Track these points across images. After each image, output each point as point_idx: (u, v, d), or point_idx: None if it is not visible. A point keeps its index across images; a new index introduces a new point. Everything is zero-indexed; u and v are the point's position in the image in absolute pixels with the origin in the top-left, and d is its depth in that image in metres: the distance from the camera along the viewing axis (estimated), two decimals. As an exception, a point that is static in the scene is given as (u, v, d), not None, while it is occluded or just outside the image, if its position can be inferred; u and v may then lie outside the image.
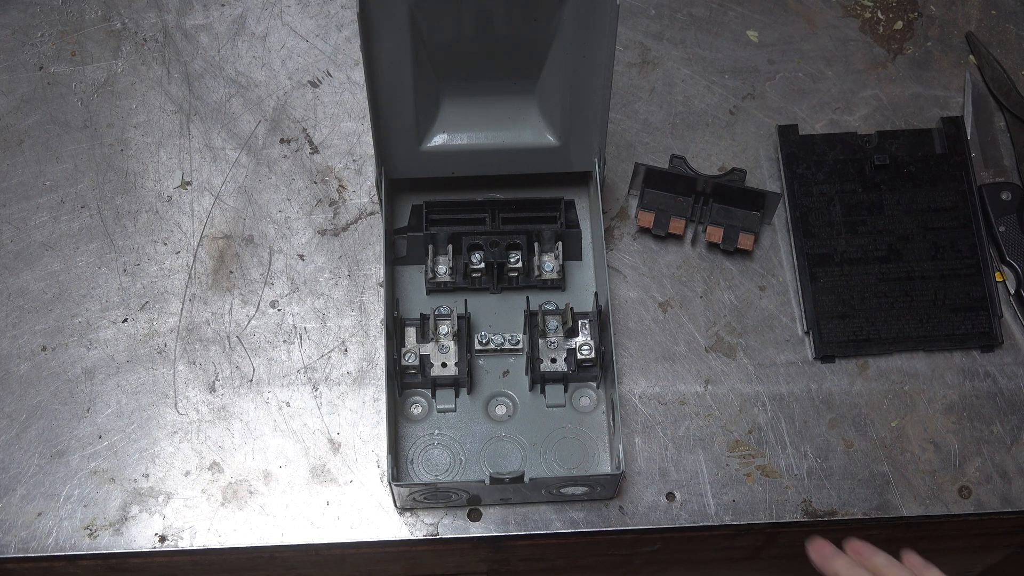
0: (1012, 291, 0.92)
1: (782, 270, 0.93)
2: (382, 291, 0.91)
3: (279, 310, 0.90)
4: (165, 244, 0.92)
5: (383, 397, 0.86)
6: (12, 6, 1.01)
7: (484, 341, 0.89)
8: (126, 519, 0.84)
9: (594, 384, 0.88)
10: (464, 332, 0.87)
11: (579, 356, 0.87)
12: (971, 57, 1.01)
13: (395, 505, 0.84)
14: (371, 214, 0.94)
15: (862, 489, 0.86)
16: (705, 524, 0.85)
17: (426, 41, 0.81)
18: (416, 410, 0.87)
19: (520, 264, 0.90)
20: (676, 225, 0.93)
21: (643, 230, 0.94)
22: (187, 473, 0.85)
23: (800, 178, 0.94)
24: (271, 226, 0.93)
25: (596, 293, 0.89)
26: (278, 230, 0.93)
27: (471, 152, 0.89)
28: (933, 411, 0.89)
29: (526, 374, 0.88)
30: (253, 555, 0.85)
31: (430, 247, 0.90)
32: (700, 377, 0.89)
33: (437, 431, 0.87)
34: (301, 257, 0.92)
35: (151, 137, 0.96)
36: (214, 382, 0.88)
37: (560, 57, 0.83)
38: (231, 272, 0.92)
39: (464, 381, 0.87)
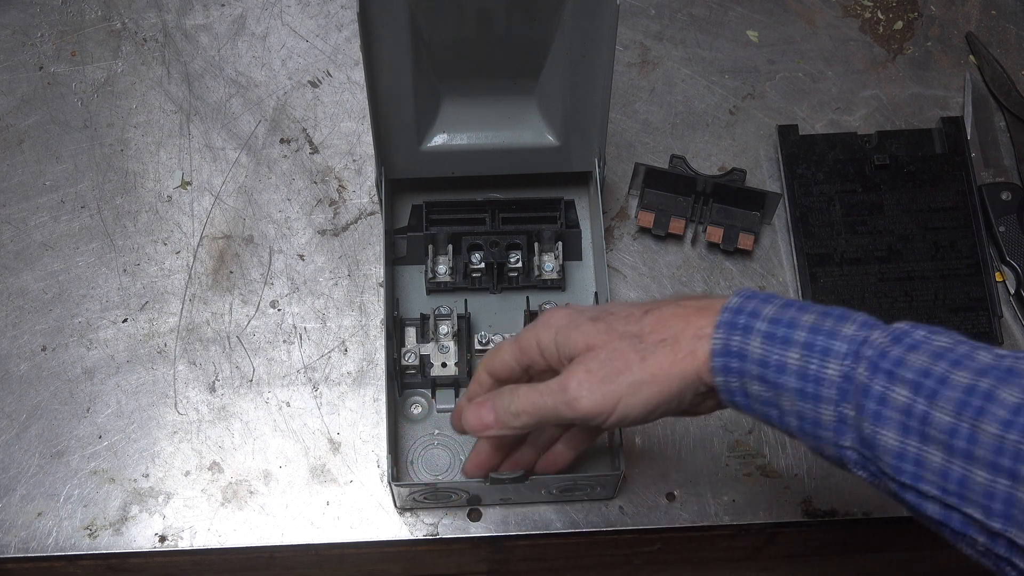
0: (1012, 291, 0.92)
1: (782, 270, 0.93)
2: (382, 291, 0.91)
3: (279, 310, 0.90)
4: (165, 244, 0.92)
5: (383, 397, 0.86)
6: (12, 6, 1.01)
7: (484, 341, 0.89)
8: (126, 519, 0.84)
9: (594, 384, 0.88)
10: (464, 332, 0.87)
11: (579, 356, 0.87)
12: (971, 57, 1.01)
13: (395, 505, 0.84)
14: (371, 214, 0.94)
15: (862, 489, 0.86)
16: (705, 524, 0.85)
17: (426, 41, 0.81)
18: (416, 410, 0.87)
19: (520, 264, 0.90)
20: (676, 225, 0.93)
21: (643, 230, 0.94)
22: (187, 473, 0.85)
23: (800, 178, 0.94)
24: (271, 226, 0.93)
25: (596, 293, 0.89)
26: (278, 230, 0.93)
27: (471, 152, 0.89)
28: (933, 411, 0.89)
29: (526, 374, 0.88)
30: (253, 555, 0.85)
31: (430, 247, 0.90)
32: (700, 377, 0.89)
33: (437, 431, 0.87)
34: (301, 257, 0.92)
35: (151, 137, 0.96)
36: (214, 382, 0.88)
37: (560, 57, 0.83)
38: (231, 272, 0.92)
39: (464, 381, 0.87)
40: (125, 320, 0.90)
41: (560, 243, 0.90)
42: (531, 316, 0.87)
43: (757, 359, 0.62)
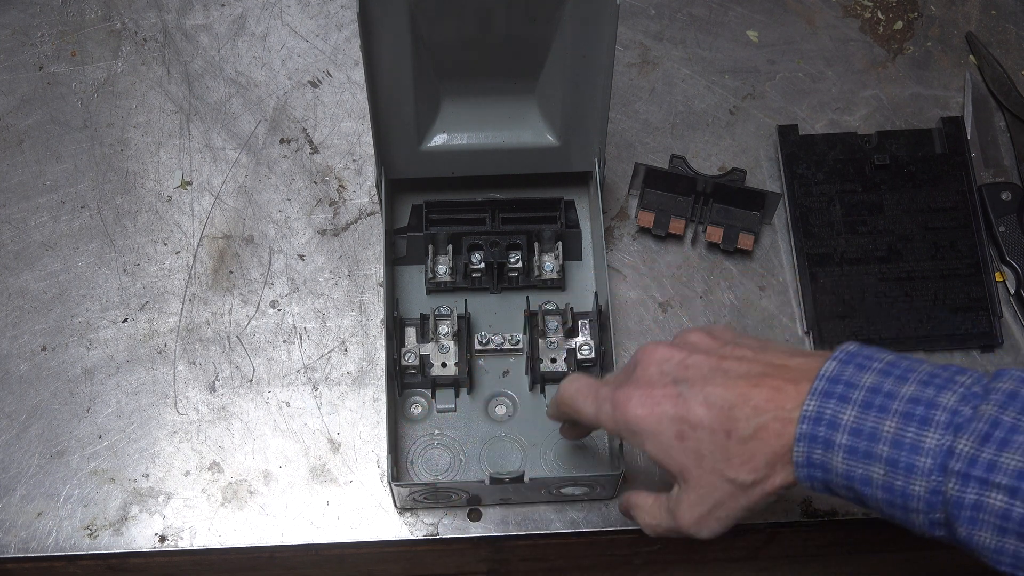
0: (1012, 291, 0.92)
1: (782, 270, 0.93)
2: (382, 291, 0.91)
3: (279, 310, 0.90)
4: (165, 244, 0.92)
5: (383, 397, 0.86)
6: (12, 6, 1.01)
7: (484, 341, 0.89)
8: (126, 519, 0.84)
9: (594, 384, 0.88)
10: (464, 332, 0.87)
11: (579, 356, 0.87)
12: (971, 57, 1.01)
13: (395, 505, 0.84)
14: (371, 214, 0.94)
15: (862, 489, 0.86)
16: (705, 524, 0.85)
17: (426, 41, 0.81)
18: (416, 410, 0.87)
19: (520, 264, 0.90)
20: (676, 225, 0.93)
21: (643, 230, 0.94)
22: (187, 473, 0.85)
23: (800, 178, 0.94)
24: (271, 226, 0.93)
25: (596, 293, 0.89)
26: (278, 230, 0.93)
27: (471, 152, 0.89)
28: (933, 411, 0.89)
29: (526, 374, 0.88)
30: (253, 555, 0.85)
31: (430, 247, 0.90)
32: (700, 377, 0.89)
33: (437, 431, 0.87)
34: (301, 257, 0.92)
35: (151, 137, 0.96)
36: (214, 382, 0.88)
37: (560, 57, 0.83)
38: (231, 272, 0.92)
39: (464, 381, 0.87)
40: (125, 320, 0.90)
41: (560, 243, 0.90)
42: (531, 316, 0.87)
43: (841, 472, 0.63)
